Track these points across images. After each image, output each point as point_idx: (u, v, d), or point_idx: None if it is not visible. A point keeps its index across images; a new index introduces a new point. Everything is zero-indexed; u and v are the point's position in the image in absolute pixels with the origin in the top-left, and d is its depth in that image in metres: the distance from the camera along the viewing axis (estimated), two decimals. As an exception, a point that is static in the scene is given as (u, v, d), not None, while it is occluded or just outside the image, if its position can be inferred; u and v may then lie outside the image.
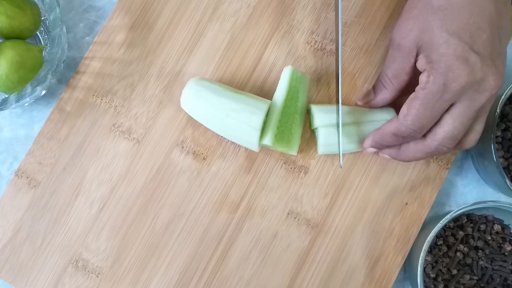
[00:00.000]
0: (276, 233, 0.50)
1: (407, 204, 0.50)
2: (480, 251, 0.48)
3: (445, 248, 0.48)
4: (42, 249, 0.50)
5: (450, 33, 0.38)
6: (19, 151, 0.52)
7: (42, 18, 0.51)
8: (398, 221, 0.50)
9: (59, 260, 0.49)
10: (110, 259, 0.49)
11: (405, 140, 0.43)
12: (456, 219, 0.49)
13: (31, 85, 0.46)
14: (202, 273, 0.49)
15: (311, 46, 0.52)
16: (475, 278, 0.47)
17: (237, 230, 0.50)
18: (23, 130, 0.53)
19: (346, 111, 0.48)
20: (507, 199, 0.52)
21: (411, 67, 0.42)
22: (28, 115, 0.53)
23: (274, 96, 0.48)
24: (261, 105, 0.46)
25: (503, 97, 0.46)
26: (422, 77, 0.40)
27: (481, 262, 0.47)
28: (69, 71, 0.53)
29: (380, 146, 0.45)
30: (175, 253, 0.49)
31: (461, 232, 0.48)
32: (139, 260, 0.49)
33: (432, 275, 0.47)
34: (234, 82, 0.52)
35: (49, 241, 0.50)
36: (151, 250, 0.50)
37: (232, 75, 0.52)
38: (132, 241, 0.50)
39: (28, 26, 0.48)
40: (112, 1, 0.54)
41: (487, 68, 0.38)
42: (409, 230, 0.49)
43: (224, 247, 0.50)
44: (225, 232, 0.50)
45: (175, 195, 0.50)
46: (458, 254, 0.48)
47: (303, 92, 0.49)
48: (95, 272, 0.49)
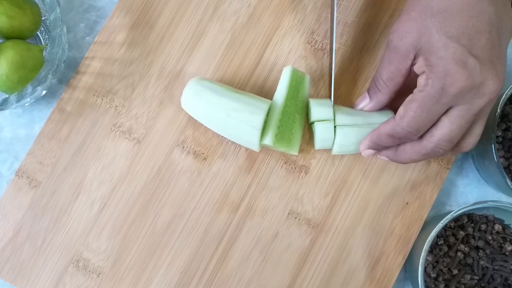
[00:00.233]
0: (277, 233, 0.50)
1: (407, 203, 0.50)
2: (481, 251, 0.48)
3: (445, 248, 0.48)
4: (42, 249, 0.50)
5: (449, 36, 0.38)
6: (19, 151, 0.52)
7: (43, 18, 0.51)
8: (399, 221, 0.50)
9: (59, 260, 0.49)
10: (111, 259, 0.49)
11: (401, 141, 0.42)
12: (456, 219, 0.49)
13: (32, 85, 0.46)
14: (203, 273, 0.49)
15: (312, 46, 0.52)
16: (476, 278, 0.47)
17: (238, 230, 0.50)
18: (23, 130, 0.53)
19: (346, 112, 0.48)
20: (507, 199, 0.52)
21: (407, 69, 0.42)
22: (29, 115, 0.53)
23: (274, 95, 0.48)
24: (262, 105, 0.46)
25: (503, 97, 0.46)
26: (421, 80, 0.40)
27: (482, 262, 0.47)
28: (69, 71, 0.53)
29: (377, 146, 0.45)
30: (175, 253, 0.49)
31: (461, 232, 0.48)
32: (140, 260, 0.49)
33: (433, 275, 0.47)
34: (235, 82, 0.52)
35: (50, 241, 0.50)
36: (152, 250, 0.50)
37: (233, 75, 0.52)
38: (132, 241, 0.50)
39: (29, 26, 0.48)
40: (112, 0, 0.54)
41: (486, 72, 0.38)
42: (409, 230, 0.49)
43: (225, 247, 0.50)
44: (225, 232, 0.50)
45: (175, 195, 0.50)
46: (459, 254, 0.48)
47: (304, 91, 0.49)
48: (96, 272, 0.49)
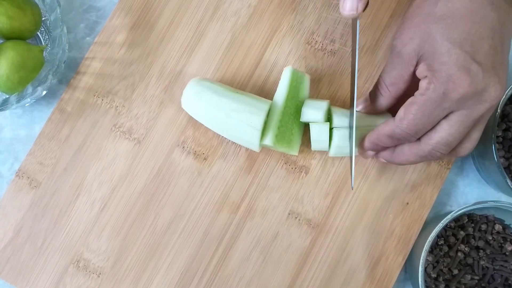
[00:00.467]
0: (277, 233, 0.50)
1: (408, 204, 0.50)
2: (481, 251, 0.48)
3: (446, 248, 0.48)
4: (43, 249, 0.50)
5: (452, 42, 0.38)
6: (20, 152, 0.52)
7: (43, 19, 0.51)
8: (399, 221, 0.50)
9: (60, 260, 0.49)
10: (111, 259, 0.49)
11: (399, 142, 0.42)
12: (457, 219, 0.49)
13: (32, 86, 0.46)
14: (203, 274, 0.49)
15: (312, 46, 0.52)
16: (476, 278, 0.47)
17: (238, 230, 0.50)
18: (24, 130, 0.53)
19: (343, 114, 0.48)
20: (508, 199, 0.52)
21: (410, 75, 0.42)
22: (29, 115, 0.53)
23: (274, 96, 0.48)
24: (262, 105, 0.46)
25: (503, 97, 0.46)
26: (423, 83, 0.39)
27: (482, 262, 0.47)
28: (69, 71, 0.53)
29: (376, 146, 0.45)
30: (176, 254, 0.49)
31: (462, 232, 0.48)
32: (140, 260, 0.49)
33: (433, 275, 0.47)
34: (235, 82, 0.52)
35: (50, 241, 0.50)
36: (152, 250, 0.50)
37: (233, 75, 0.52)
38: (133, 241, 0.50)
39: (29, 26, 0.48)
40: (112, 1, 0.54)
41: (488, 78, 0.38)
42: (410, 230, 0.49)
43: (225, 247, 0.50)
44: (226, 232, 0.50)
45: (176, 195, 0.50)
46: (459, 254, 0.48)
47: (304, 92, 0.49)
48: (96, 272, 0.49)
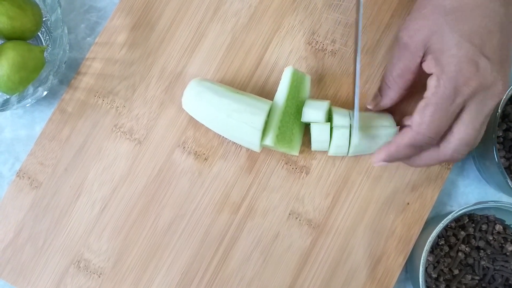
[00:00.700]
0: (278, 233, 0.50)
1: (408, 204, 0.50)
2: (482, 251, 0.48)
3: (446, 248, 0.48)
4: (44, 250, 0.50)
5: (461, 35, 0.38)
6: (20, 152, 0.53)
7: (44, 19, 0.51)
8: (400, 221, 0.50)
9: (61, 261, 0.49)
10: (112, 260, 0.49)
11: (421, 150, 0.41)
12: (457, 219, 0.49)
13: (33, 86, 0.46)
14: (204, 274, 0.49)
15: (312, 46, 0.52)
16: (477, 278, 0.47)
17: (239, 230, 0.50)
18: (24, 130, 0.53)
19: (343, 114, 0.48)
20: (508, 199, 0.52)
21: (417, 66, 0.41)
22: (30, 115, 0.53)
23: (275, 96, 0.48)
24: (263, 106, 0.46)
25: (504, 97, 0.46)
26: (431, 82, 0.39)
27: (483, 262, 0.47)
28: (70, 72, 0.53)
29: (395, 159, 0.43)
30: (176, 254, 0.49)
31: (462, 232, 0.48)
32: (141, 260, 0.49)
33: (434, 275, 0.47)
34: (236, 82, 0.52)
35: (51, 242, 0.50)
36: (153, 250, 0.50)
37: (234, 76, 0.52)
38: (133, 242, 0.50)
39: (30, 27, 0.49)
40: (113, 1, 0.54)
41: (497, 73, 0.38)
42: (410, 230, 0.49)
43: (226, 247, 0.50)
44: (226, 232, 0.50)
45: (176, 195, 0.50)
46: (460, 254, 0.48)
47: (304, 92, 0.49)
48: (97, 272, 0.49)
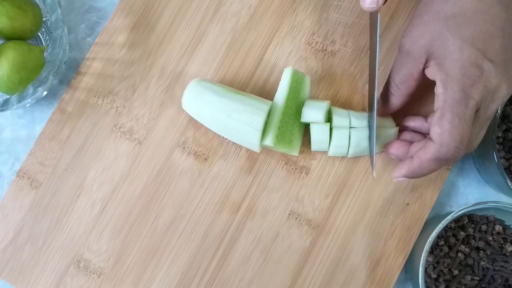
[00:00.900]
0: (277, 233, 0.50)
1: (408, 204, 0.50)
2: (481, 251, 0.48)
3: (446, 249, 0.48)
4: (43, 250, 0.50)
5: (464, 39, 0.38)
6: (20, 152, 0.53)
7: (44, 19, 0.51)
8: (400, 221, 0.50)
9: (60, 261, 0.50)
10: (112, 260, 0.49)
11: (447, 163, 0.40)
12: (457, 220, 0.49)
13: (33, 86, 0.46)
14: (204, 274, 0.49)
15: (312, 47, 0.52)
16: (476, 278, 0.47)
17: (238, 231, 0.50)
18: (24, 130, 0.53)
19: (345, 114, 0.48)
20: (508, 200, 0.52)
21: (420, 73, 0.41)
22: (30, 115, 0.53)
23: (275, 96, 0.48)
24: (262, 106, 0.46)
25: (504, 97, 0.46)
26: (438, 89, 0.39)
27: (482, 263, 0.47)
28: (70, 72, 0.53)
29: (418, 175, 0.42)
30: (176, 254, 0.50)
31: (462, 233, 0.48)
32: (141, 260, 0.49)
33: (434, 276, 0.47)
34: (236, 83, 0.52)
35: (51, 242, 0.50)
36: (153, 250, 0.50)
37: (234, 76, 0.52)
38: (133, 242, 0.50)
39: (30, 27, 0.49)
40: (113, 1, 0.54)
41: (501, 75, 0.38)
42: (410, 230, 0.49)
43: (225, 248, 0.50)
44: (226, 233, 0.50)
45: (176, 196, 0.50)
46: (460, 254, 0.48)
47: (304, 92, 0.49)
48: (97, 272, 0.49)
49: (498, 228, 0.48)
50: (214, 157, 0.51)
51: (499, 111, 0.46)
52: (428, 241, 0.44)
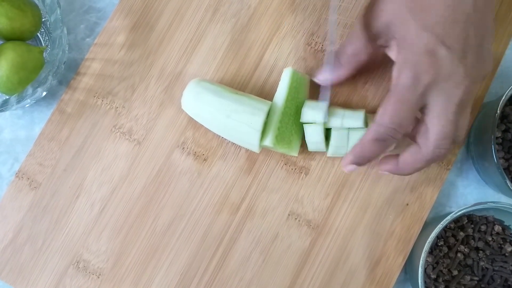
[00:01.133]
0: (277, 234, 0.50)
1: (408, 205, 0.50)
2: (481, 252, 0.48)
3: (445, 249, 0.48)
4: (43, 250, 0.50)
5: (423, 24, 0.37)
6: (19, 152, 0.52)
7: (43, 20, 0.51)
8: (399, 222, 0.50)
9: (60, 261, 0.49)
10: (111, 260, 0.49)
11: (386, 145, 0.40)
12: (456, 220, 0.49)
13: (32, 87, 0.46)
14: (203, 275, 0.49)
15: (312, 47, 0.52)
16: (476, 279, 0.47)
17: (238, 231, 0.50)
18: (23, 131, 0.53)
19: (343, 114, 0.47)
20: (507, 200, 0.52)
21: (374, 48, 0.41)
22: (29, 116, 0.53)
23: (274, 97, 0.48)
24: (262, 106, 0.46)
25: (503, 98, 0.46)
26: (394, 72, 0.39)
27: (482, 263, 0.47)
28: (69, 72, 0.53)
29: (362, 159, 0.42)
30: (175, 255, 0.49)
31: (461, 233, 0.48)
32: (140, 261, 0.49)
33: (433, 276, 0.47)
34: (235, 83, 0.52)
35: (50, 242, 0.50)
36: (152, 251, 0.50)
37: (233, 76, 0.52)
38: (133, 243, 0.50)
39: (29, 27, 0.49)
40: (112, 2, 0.54)
41: (459, 62, 0.37)
42: (410, 231, 0.49)
43: (225, 248, 0.50)
44: (225, 233, 0.50)
45: (175, 196, 0.50)
46: (459, 255, 0.48)
47: (303, 93, 0.49)
48: (96, 273, 0.49)
49: (497, 228, 0.48)
50: (214, 157, 0.51)
51: (498, 111, 0.46)
52: (427, 241, 0.44)
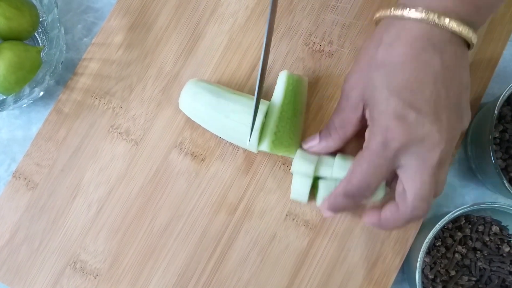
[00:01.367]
0: (275, 234, 0.50)
1: (405, 205, 0.50)
2: (478, 252, 0.48)
3: (443, 249, 0.48)
4: (40, 251, 0.49)
5: (390, 90, 0.37)
6: (17, 153, 0.52)
7: (40, 19, 0.51)
8: (397, 222, 0.50)
9: (57, 262, 0.49)
10: (108, 261, 0.49)
11: (355, 201, 0.41)
12: (454, 220, 0.49)
13: (29, 86, 0.46)
14: (200, 275, 0.49)
15: (309, 47, 0.52)
16: (474, 279, 0.47)
17: (236, 231, 0.50)
18: (21, 131, 0.53)
19: (331, 164, 0.46)
20: (505, 200, 0.52)
21: (357, 119, 0.41)
22: (26, 116, 0.53)
23: (271, 101, 0.48)
24: (260, 106, 0.46)
25: (501, 98, 0.46)
26: (366, 134, 0.40)
27: (479, 263, 0.47)
28: (67, 72, 0.53)
29: (335, 208, 0.42)
30: (173, 255, 0.49)
31: (459, 233, 0.48)
32: (137, 262, 0.49)
33: (431, 276, 0.47)
34: (233, 84, 0.52)
35: (47, 243, 0.50)
36: (149, 252, 0.49)
37: (231, 77, 0.52)
38: (130, 243, 0.50)
39: (26, 27, 0.48)
40: (110, 2, 0.54)
41: (430, 124, 0.36)
42: (407, 231, 0.49)
43: (223, 248, 0.49)
44: (223, 233, 0.50)
45: (173, 196, 0.50)
46: (457, 255, 0.48)
47: (302, 94, 0.49)
48: (93, 273, 0.49)
49: (495, 228, 0.48)
50: (211, 158, 0.51)
51: (496, 112, 0.46)
52: (425, 241, 0.44)
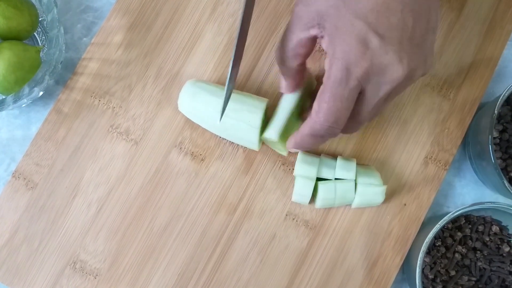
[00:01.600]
0: (275, 234, 0.50)
1: (405, 205, 0.50)
2: (478, 252, 0.48)
3: (443, 249, 0.48)
4: (39, 251, 0.49)
5: (356, 13, 0.35)
6: (16, 152, 0.52)
7: (40, 19, 0.51)
8: (397, 222, 0.50)
9: (56, 262, 0.49)
10: (108, 261, 0.49)
11: (324, 139, 0.40)
12: (454, 220, 0.49)
13: (29, 86, 0.46)
14: (200, 275, 0.49)
15: (309, 47, 0.52)
16: (474, 279, 0.47)
17: (235, 231, 0.50)
18: (20, 131, 0.53)
19: (331, 166, 0.47)
20: (505, 200, 0.52)
21: (310, 39, 0.38)
22: (26, 116, 0.53)
23: (283, 98, 0.47)
24: (259, 104, 0.46)
25: (500, 98, 0.46)
26: (326, 63, 0.37)
27: (479, 263, 0.47)
28: (66, 72, 0.53)
29: (303, 148, 0.42)
30: (173, 255, 0.49)
31: (459, 233, 0.48)
32: (137, 262, 0.49)
33: (431, 276, 0.47)
34: (232, 83, 0.52)
35: (47, 243, 0.49)
36: (149, 251, 0.49)
37: (230, 76, 0.52)
38: (130, 243, 0.49)
39: (26, 27, 0.48)
40: (110, 1, 0.54)
41: (393, 53, 0.35)
42: (407, 231, 0.49)
43: (222, 248, 0.49)
44: (223, 233, 0.50)
45: (173, 196, 0.50)
46: (457, 255, 0.48)
47: (305, 95, 0.48)
48: (93, 273, 0.49)
49: (495, 228, 0.48)
50: (211, 157, 0.50)
51: (495, 112, 0.46)
52: (425, 241, 0.44)
